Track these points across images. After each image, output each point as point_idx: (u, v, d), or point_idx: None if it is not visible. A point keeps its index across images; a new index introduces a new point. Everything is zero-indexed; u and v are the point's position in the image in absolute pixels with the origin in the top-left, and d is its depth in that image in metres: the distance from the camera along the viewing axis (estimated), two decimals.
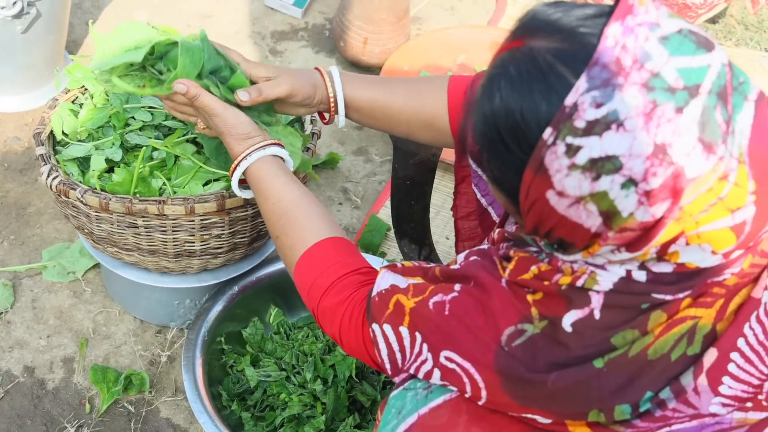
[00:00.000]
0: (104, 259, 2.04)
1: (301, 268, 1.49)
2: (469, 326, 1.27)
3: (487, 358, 1.25)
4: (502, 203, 1.27)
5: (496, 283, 1.27)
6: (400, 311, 1.33)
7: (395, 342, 1.34)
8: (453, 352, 1.28)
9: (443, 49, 2.95)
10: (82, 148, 1.89)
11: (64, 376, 2.09)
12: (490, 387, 1.27)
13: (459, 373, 1.29)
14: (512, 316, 1.24)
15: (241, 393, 2.01)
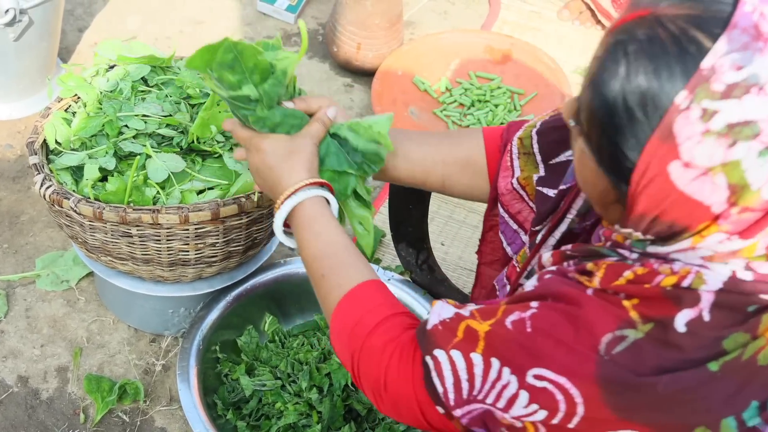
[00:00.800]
0: (98, 268, 2.03)
1: (344, 307, 1.38)
2: (559, 339, 1.18)
3: (586, 369, 1.16)
4: (594, 195, 1.20)
5: (582, 293, 1.19)
6: (473, 337, 1.24)
7: (464, 370, 1.24)
8: (544, 369, 1.18)
9: (437, 54, 2.95)
10: (76, 157, 1.88)
11: (58, 386, 2.08)
12: (589, 401, 1.16)
13: (551, 391, 1.18)
14: (609, 322, 1.15)
15: (236, 402, 2.00)
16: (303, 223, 1.47)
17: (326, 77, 2.95)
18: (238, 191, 1.86)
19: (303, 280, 2.15)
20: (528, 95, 2.86)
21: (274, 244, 2.16)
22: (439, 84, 2.89)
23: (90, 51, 2.85)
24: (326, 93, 2.89)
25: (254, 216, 1.90)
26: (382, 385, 1.32)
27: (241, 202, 1.84)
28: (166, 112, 1.95)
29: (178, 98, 2.00)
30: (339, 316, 1.38)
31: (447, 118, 2.79)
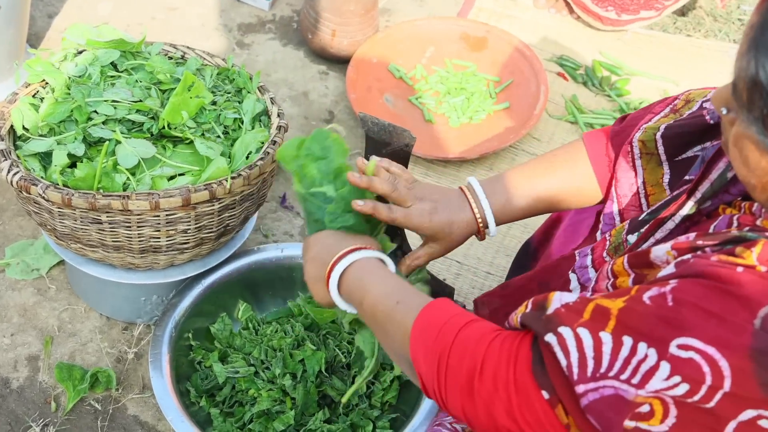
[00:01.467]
0: (68, 256, 2.01)
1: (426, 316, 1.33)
2: (709, 310, 1.11)
3: (741, 340, 1.08)
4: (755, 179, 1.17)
5: (732, 271, 1.12)
6: (603, 315, 1.17)
7: (590, 348, 1.16)
8: (691, 338, 1.11)
9: (412, 41, 2.94)
10: (44, 143, 1.86)
11: (28, 375, 2.06)
12: (738, 375, 1.09)
13: (698, 362, 1.10)
14: (765, 294, 1.09)
15: (209, 389, 1.99)
16: (366, 273, 1.46)
17: (301, 64, 2.93)
18: (210, 177, 1.84)
19: (277, 267, 2.14)
20: (503, 83, 2.85)
21: (247, 230, 2.14)
22: (415, 71, 2.88)
23: (60, 37, 2.82)
24: (301, 80, 2.87)
25: (226, 202, 1.89)
26: (477, 373, 1.25)
27: (212, 188, 1.82)
28: (136, 97, 1.93)
29: (148, 83, 1.98)
30: (421, 324, 1.33)
31: (422, 106, 2.78)
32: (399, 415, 1.97)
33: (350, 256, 1.47)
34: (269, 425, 1.90)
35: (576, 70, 2.99)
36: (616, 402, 1.16)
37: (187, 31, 2.98)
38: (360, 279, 1.46)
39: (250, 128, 1.99)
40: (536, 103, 2.75)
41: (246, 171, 1.86)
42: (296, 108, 2.79)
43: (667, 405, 1.14)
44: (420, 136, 2.60)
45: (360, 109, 2.68)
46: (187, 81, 1.90)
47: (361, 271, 1.47)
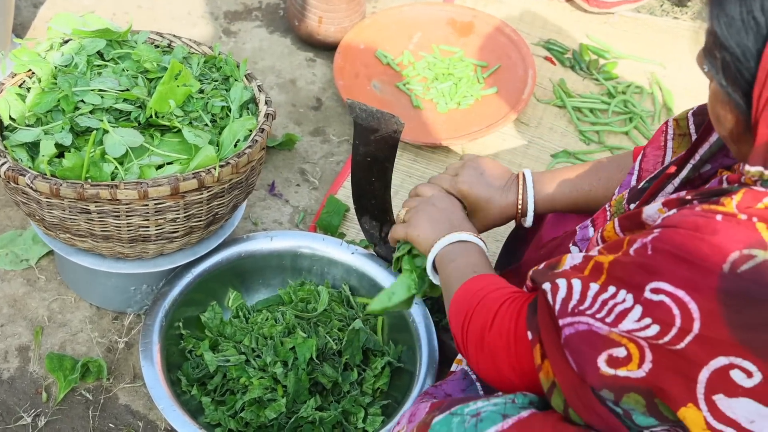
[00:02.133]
0: (57, 246, 2.01)
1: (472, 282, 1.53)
2: (681, 256, 1.16)
3: (708, 282, 1.13)
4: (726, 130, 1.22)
5: (711, 219, 1.16)
6: (598, 270, 1.25)
7: (578, 291, 1.26)
8: (662, 282, 1.17)
9: (399, 27, 2.93)
10: (31, 133, 1.85)
11: (19, 365, 2.06)
12: (707, 317, 1.13)
13: (668, 305, 1.16)
14: (737, 240, 1.13)
15: (200, 378, 1.99)
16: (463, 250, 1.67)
17: (288, 52, 2.92)
18: (198, 166, 1.84)
19: (267, 255, 2.14)
20: (491, 68, 2.85)
21: (236, 219, 2.14)
22: (402, 57, 2.87)
23: (45, 27, 2.81)
24: (288, 68, 2.87)
25: (215, 191, 1.88)
26: (488, 326, 1.40)
27: (200, 176, 1.82)
28: (123, 86, 1.93)
29: (135, 72, 1.97)
30: (462, 289, 1.52)
31: (410, 92, 2.78)
32: (391, 402, 1.97)
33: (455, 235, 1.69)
34: (261, 413, 1.91)
35: (563, 54, 2.99)
36: (589, 336, 1.23)
37: (173, 20, 2.97)
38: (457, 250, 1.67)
39: (238, 116, 1.98)
40: (524, 88, 2.75)
41: (234, 159, 1.86)
42: (284, 95, 2.78)
43: (643, 349, 1.19)
44: (408, 122, 2.59)
45: (348, 95, 2.68)
46: (174, 69, 1.89)
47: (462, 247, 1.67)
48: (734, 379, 1.14)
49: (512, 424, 1.31)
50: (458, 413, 1.35)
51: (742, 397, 1.15)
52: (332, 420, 1.90)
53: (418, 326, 2.00)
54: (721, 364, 1.14)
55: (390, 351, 2.04)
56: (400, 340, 2.05)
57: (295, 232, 2.18)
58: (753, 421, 1.16)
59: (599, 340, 1.23)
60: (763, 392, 1.14)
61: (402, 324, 2.04)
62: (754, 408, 1.15)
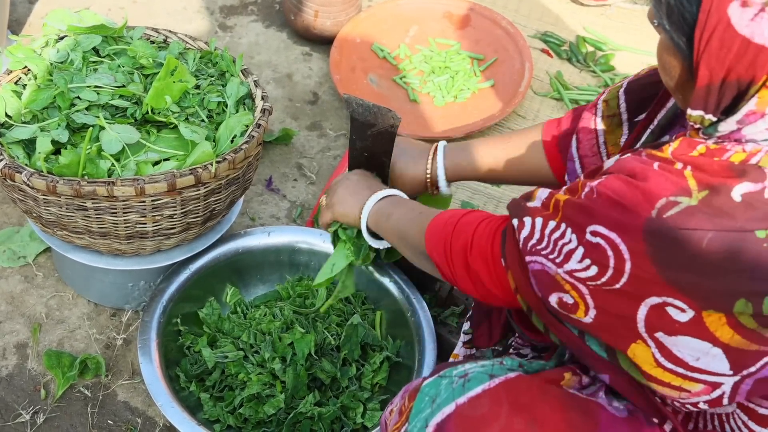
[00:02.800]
0: (55, 243, 2.00)
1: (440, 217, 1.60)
2: (617, 201, 1.23)
3: (636, 223, 1.20)
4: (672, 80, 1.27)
5: (649, 167, 1.24)
6: (556, 208, 1.33)
7: (538, 230, 1.34)
8: (598, 225, 1.24)
9: (395, 21, 2.93)
10: (27, 130, 1.84)
11: (17, 363, 2.05)
12: (635, 257, 1.21)
13: (603, 247, 1.24)
14: (665, 188, 1.20)
15: (199, 374, 1.99)
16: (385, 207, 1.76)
17: (284, 46, 2.92)
18: (195, 162, 1.83)
19: (264, 251, 2.14)
20: (488, 60, 2.85)
21: (233, 215, 2.14)
22: (398, 51, 2.87)
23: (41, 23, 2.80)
24: (284, 62, 2.86)
25: (212, 186, 1.88)
26: (468, 248, 1.49)
27: (197, 172, 1.81)
28: (119, 82, 1.92)
29: (131, 68, 1.97)
30: (433, 223, 1.59)
31: (407, 85, 2.77)
32: (389, 397, 1.97)
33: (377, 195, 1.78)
34: (259, 409, 1.91)
35: (560, 46, 2.98)
36: (543, 275, 1.33)
37: (168, 15, 2.96)
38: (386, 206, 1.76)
39: (235, 112, 1.98)
40: (521, 81, 2.74)
41: (231, 155, 1.85)
42: (280, 90, 2.77)
43: (584, 296, 1.28)
44: (405, 116, 2.59)
45: (344, 89, 2.67)
46: (170, 65, 1.89)
47: (388, 203, 1.77)
48: (670, 314, 1.21)
49: (498, 383, 1.36)
50: (447, 375, 1.40)
51: (680, 335, 1.21)
52: (331, 415, 1.90)
53: (416, 321, 2.00)
54: (654, 302, 1.21)
55: (388, 346, 2.04)
56: (399, 335, 2.05)
57: (293, 228, 2.18)
58: (698, 359, 1.23)
59: (550, 280, 1.32)
60: (698, 328, 1.20)
61: (400, 319, 2.04)
62: (696, 345, 1.21)
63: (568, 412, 1.32)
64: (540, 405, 1.32)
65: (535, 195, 1.42)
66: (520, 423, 1.30)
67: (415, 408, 1.38)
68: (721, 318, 1.19)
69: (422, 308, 2.02)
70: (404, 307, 2.03)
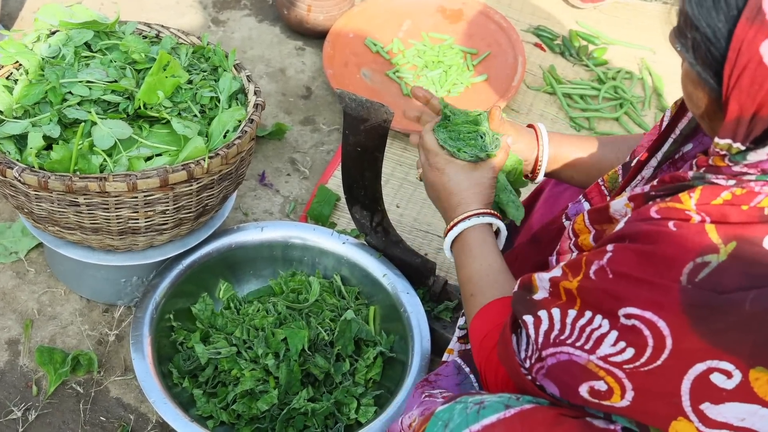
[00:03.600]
0: (47, 239, 2.00)
1: (477, 322, 1.54)
2: (640, 278, 1.18)
3: (670, 299, 1.15)
4: (698, 109, 1.23)
5: (662, 228, 1.18)
6: (571, 296, 1.27)
7: (558, 321, 1.28)
8: (631, 308, 1.19)
9: (388, 15, 2.92)
10: (19, 126, 1.83)
11: (9, 359, 2.05)
12: (677, 331, 1.15)
13: (639, 328, 1.18)
14: (689, 251, 1.15)
15: (192, 370, 1.99)
16: (466, 246, 1.63)
17: (277, 41, 2.91)
18: (187, 157, 1.83)
19: (257, 246, 2.14)
20: (481, 55, 2.84)
21: (226, 210, 2.13)
22: (392, 45, 2.86)
23: (33, 18, 2.79)
24: (277, 57, 2.85)
25: (204, 182, 1.87)
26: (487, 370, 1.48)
27: (190, 168, 1.81)
28: (111, 77, 1.91)
29: (123, 63, 1.96)
30: (472, 330, 1.54)
31: (400, 80, 2.77)
32: (383, 392, 1.97)
33: (466, 222, 1.63)
34: (253, 405, 1.90)
35: (553, 40, 2.98)
36: (570, 366, 1.27)
37: (161, 9, 2.95)
38: (461, 248, 1.64)
39: (227, 107, 1.97)
40: (514, 75, 2.74)
41: (224, 150, 1.85)
42: (273, 84, 2.77)
43: (621, 380, 1.22)
44: (398, 110, 2.58)
45: (337, 84, 2.66)
46: (162, 60, 1.88)
47: (466, 240, 1.63)
48: (716, 383, 1.16)
49: (514, 413, 1.32)
50: (462, 401, 1.37)
51: (728, 402, 1.16)
52: (325, 411, 1.90)
53: (410, 316, 2.00)
54: (699, 370, 1.16)
55: (382, 341, 2.04)
56: (392, 330, 2.05)
57: (286, 223, 2.18)
58: (743, 419, 1.17)
59: (579, 370, 1.26)
60: (746, 392, 1.15)
61: (394, 314, 2.04)
62: (743, 408, 1.16)
63: None
64: None
65: (535, 285, 1.36)
66: None
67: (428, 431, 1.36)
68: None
69: (416, 303, 2.02)
70: (397, 302, 2.03)
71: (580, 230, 1.44)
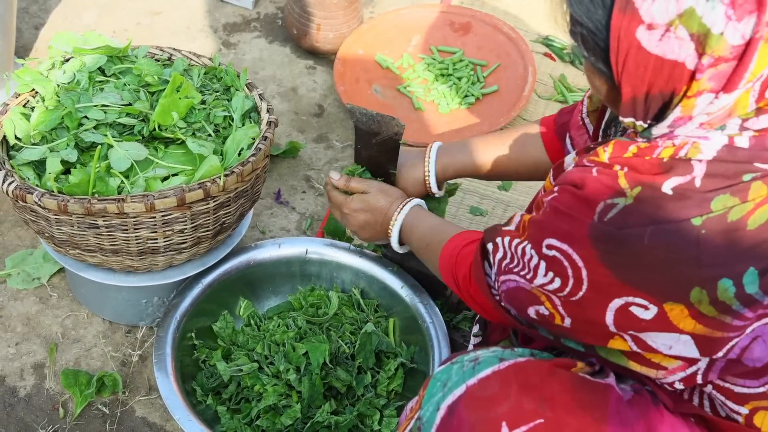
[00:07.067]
0: (68, 262, 2.02)
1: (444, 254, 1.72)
2: (563, 212, 1.31)
3: (582, 232, 1.28)
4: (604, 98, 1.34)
5: (588, 174, 1.31)
6: (524, 228, 1.42)
7: (507, 248, 1.44)
8: (551, 238, 1.33)
9: (397, 31, 2.94)
10: (37, 151, 1.87)
11: (35, 383, 2.07)
12: (589, 263, 1.28)
13: (559, 258, 1.31)
14: (602, 193, 1.27)
15: (215, 387, 2.00)
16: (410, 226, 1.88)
17: (288, 60, 2.94)
18: (203, 176, 1.85)
19: (275, 262, 2.15)
20: (491, 66, 2.86)
21: (243, 227, 2.15)
22: (402, 60, 2.88)
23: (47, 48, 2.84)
24: (288, 76, 2.88)
25: (221, 200, 1.90)
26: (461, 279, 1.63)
27: (206, 186, 1.83)
28: (126, 100, 1.94)
29: (136, 86, 1.99)
30: (443, 252, 1.71)
31: (411, 94, 2.79)
32: (405, 403, 1.98)
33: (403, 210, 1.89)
34: (277, 420, 1.91)
35: (563, 49, 2.99)
36: (520, 291, 1.42)
37: (172, 35, 2.99)
38: (411, 225, 1.87)
39: (241, 125, 2.00)
40: (525, 85, 2.76)
41: (239, 168, 1.87)
42: (285, 104, 2.79)
43: (557, 308, 1.36)
44: (410, 124, 2.61)
45: (349, 101, 2.69)
46: (175, 82, 1.91)
47: (410, 219, 1.88)
48: (635, 314, 1.26)
49: (508, 365, 1.40)
50: (458, 361, 1.44)
51: (649, 332, 1.27)
52: (348, 424, 1.91)
53: (429, 327, 2.01)
54: (618, 304, 1.27)
55: (402, 352, 2.05)
56: (413, 341, 2.06)
57: (303, 238, 2.19)
58: (671, 347, 1.28)
59: (526, 295, 1.40)
60: (664, 323, 1.25)
61: (413, 325, 2.05)
62: (666, 336, 1.27)
63: (578, 392, 1.35)
64: (550, 385, 1.35)
65: (512, 219, 1.53)
66: (530, 402, 1.33)
67: (428, 394, 1.42)
68: (683, 310, 1.23)
69: (435, 314, 2.03)
70: (416, 313, 2.04)
71: (547, 188, 1.54)
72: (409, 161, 2.00)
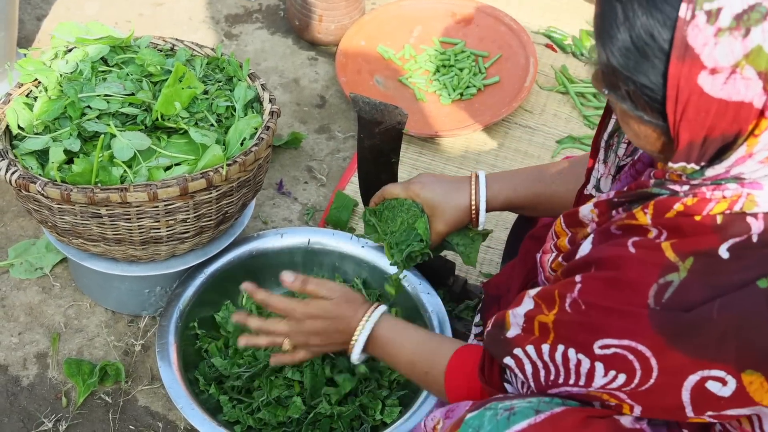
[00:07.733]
0: (70, 252, 2.03)
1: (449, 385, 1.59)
2: (608, 307, 1.22)
3: (642, 324, 1.19)
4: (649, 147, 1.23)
5: (623, 251, 1.23)
6: (545, 330, 1.31)
7: (537, 359, 1.33)
8: (605, 339, 1.23)
9: (399, 22, 2.94)
10: (40, 141, 1.87)
11: (38, 372, 2.08)
12: (657, 351, 1.19)
13: (622, 354, 1.22)
14: (651, 274, 1.19)
15: (218, 376, 2.01)
16: (383, 339, 1.69)
17: (290, 52, 2.94)
18: (206, 165, 1.85)
19: (278, 252, 2.16)
20: (492, 57, 2.86)
21: (246, 218, 2.16)
22: (403, 51, 2.88)
23: (49, 39, 2.84)
24: (290, 67, 2.89)
25: (223, 189, 1.90)
26: None
27: (209, 176, 1.83)
28: (128, 90, 1.95)
29: (139, 76, 1.99)
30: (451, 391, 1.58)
31: (413, 85, 2.79)
32: (407, 392, 1.98)
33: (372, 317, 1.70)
34: (279, 412, 1.92)
35: (564, 40, 3.00)
36: (575, 396, 1.33)
37: (174, 26, 2.99)
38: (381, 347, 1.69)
39: (243, 115, 2.00)
40: (526, 76, 2.76)
41: (241, 157, 1.87)
42: (288, 95, 2.80)
43: (625, 401, 1.27)
44: (412, 115, 2.61)
45: (351, 91, 2.68)
46: (178, 72, 1.91)
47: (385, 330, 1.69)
48: (713, 391, 1.19)
49: (544, 418, 1.33)
50: (492, 408, 1.38)
51: (729, 410, 1.20)
52: (350, 414, 1.92)
53: (431, 316, 2.01)
54: (694, 381, 1.19)
55: None
56: None
57: (306, 228, 2.20)
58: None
59: (584, 396, 1.32)
60: (743, 399, 1.18)
61: (415, 315, 2.05)
62: (743, 412, 1.21)
63: None
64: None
65: (508, 322, 1.39)
66: None
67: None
68: (763, 384, 1.17)
69: (437, 303, 2.03)
70: (419, 302, 2.05)
71: (559, 232, 1.48)
72: (446, 185, 1.87)
